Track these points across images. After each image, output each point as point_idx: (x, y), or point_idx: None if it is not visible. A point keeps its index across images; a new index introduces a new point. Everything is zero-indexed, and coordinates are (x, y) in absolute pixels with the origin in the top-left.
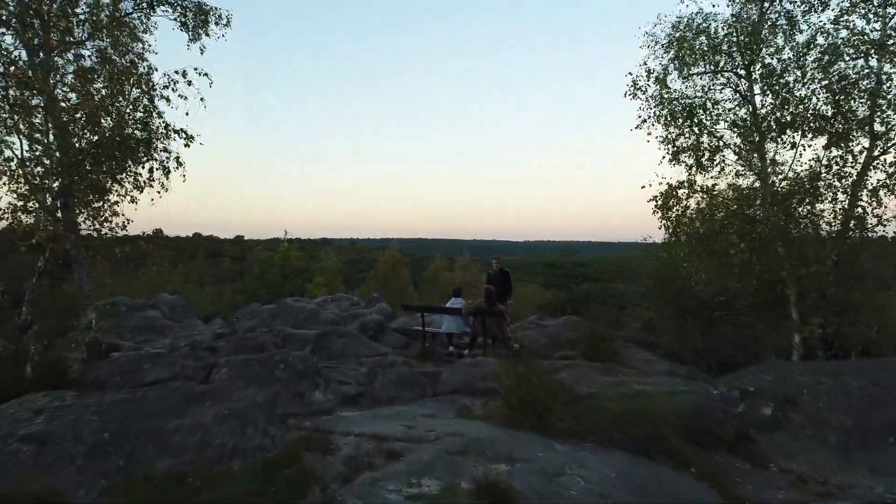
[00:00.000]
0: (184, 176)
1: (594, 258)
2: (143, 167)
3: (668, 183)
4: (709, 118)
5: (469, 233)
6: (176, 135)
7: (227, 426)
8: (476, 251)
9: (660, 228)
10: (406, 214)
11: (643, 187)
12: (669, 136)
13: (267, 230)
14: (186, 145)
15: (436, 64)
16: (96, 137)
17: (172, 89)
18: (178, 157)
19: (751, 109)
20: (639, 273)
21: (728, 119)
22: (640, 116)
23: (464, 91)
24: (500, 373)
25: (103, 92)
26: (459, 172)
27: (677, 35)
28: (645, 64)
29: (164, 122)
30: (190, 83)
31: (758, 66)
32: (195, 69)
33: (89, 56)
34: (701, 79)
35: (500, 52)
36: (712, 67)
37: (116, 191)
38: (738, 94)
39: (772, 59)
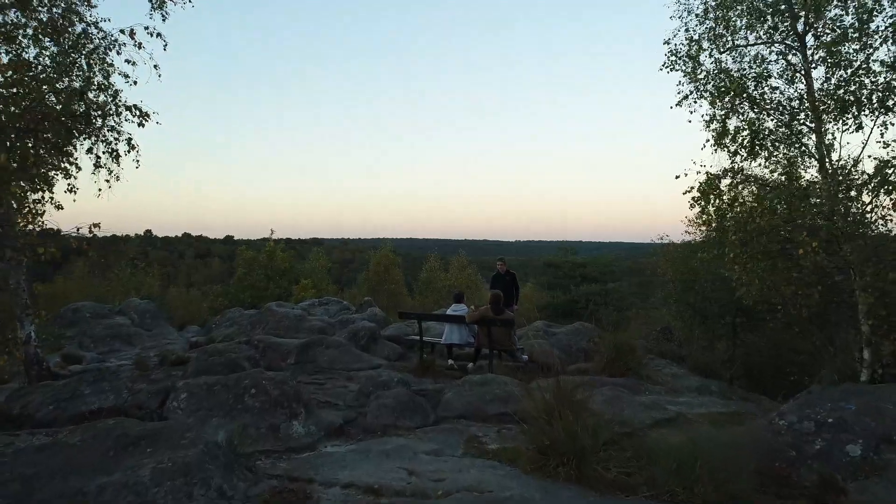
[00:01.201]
0: (137, 161)
1: (592, 259)
2: (87, 150)
3: (707, 172)
4: (762, 95)
5: (462, 232)
6: (127, 112)
7: (169, 487)
8: (469, 251)
9: (700, 225)
10: (398, 213)
11: (678, 177)
12: (717, 115)
13: (257, 230)
14: (140, 125)
15: (429, 59)
16: (14, 109)
17: (117, 52)
18: (129, 139)
19: (805, 85)
20: (640, 272)
21: (776, 97)
22: (679, 92)
23: (457, 87)
24: (522, 399)
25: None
26: (452, 170)
27: (715, 2)
28: (688, 31)
29: (111, 94)
30: (140, 46)
31: (816, 32)
32: (145, 28)
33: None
34: (744, 52)
35: (500, 52)
36: (761, 37)
37: (42, 177)
38: (789, 69)
39: (833, 25)
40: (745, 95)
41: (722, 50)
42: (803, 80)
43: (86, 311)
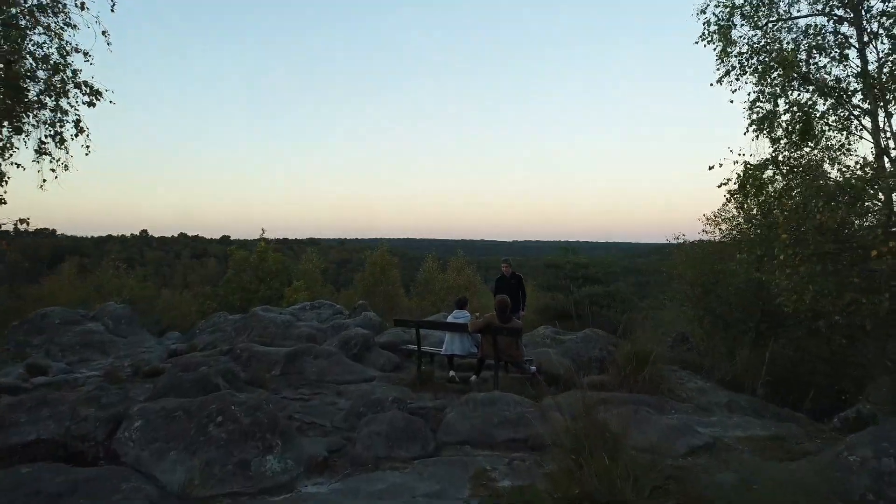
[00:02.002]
0: (87, 147)
1: (594, 259)
2: (14, 130)
3: (746, 162)
4: (816, 71)
5: (459, 232)
6: (77, 89)
7: None
8: (466, 251)
9: (719, 224)
10: (396, 213)
11: (711, 168)
12: (763, 92)
13: (254, 230)
14: (91, 104)
15: (425, 58)
16: None
17: (53, 11)
18: (77, 121)
19: (861, 63)
20: (638, 272)
21: (827, 75)
22: (718, 69)
23: (454, 86)
24: (536, 422)
25: None
26: (450, 169)
27: None
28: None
29: (52, 66)
30: (83, 5)
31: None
32: None
33: None
34: (792, 24)
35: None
36: (812, 8)
37: None
38: (843, 43)
39: None
40: (795, 73)
41: (765, 21)
42: (857, 57)
43: (55, 318)
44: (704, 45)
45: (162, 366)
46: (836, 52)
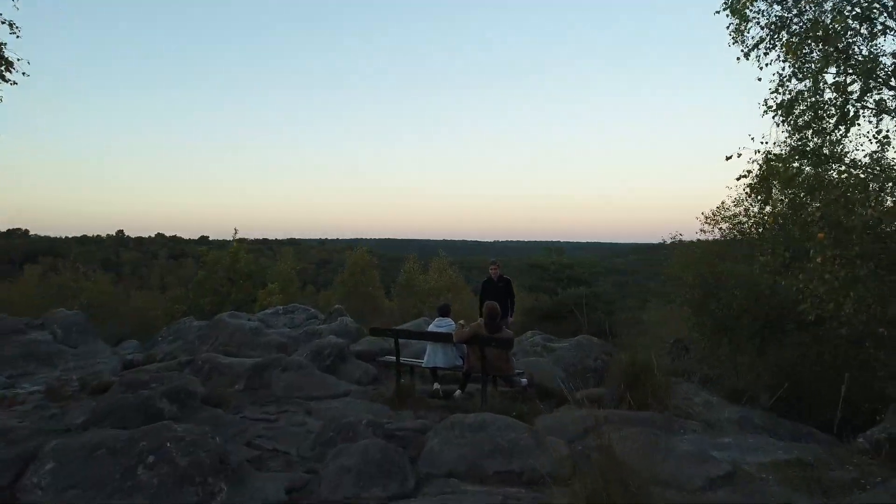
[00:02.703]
0: None
1: (579, 260)
2: None
3: (767, 152)
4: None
5: (441, 232)
6: None
7: None
8: (447, 251)
9: (719, 222)
10: (377, 213)
11: (728, 158)
12: (798, 69)
13: (231, 231)
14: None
15: (406, 50)
16: None
17: None
18: None
19: None
20: (617, 272)
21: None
22: (744, 43)
23: (434, 81)
24: (533, 451)
25: None
26: (430, 169)
27: None
28: None
29: None
30: None
31: None
32: None
33: None
34: None
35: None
36: None
37: None
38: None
39: None
40: (835, 49)
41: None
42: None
43: None
44: (727, 14)
45: (114, 379)
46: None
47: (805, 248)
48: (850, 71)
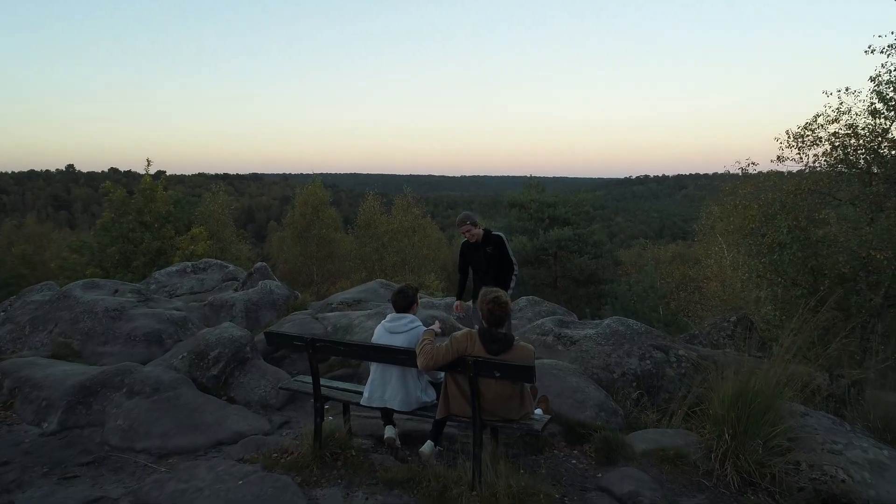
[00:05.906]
0: None
1: (563, 198)
2: None
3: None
4: None
5: (405, 167)
6: None
7: None
8: (414, 186)
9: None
10: (341, 146)
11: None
12: None
13: (190, 164)
14: None
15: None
16: None
17: None
18: None
19: None
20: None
21: None
22: None
23: (410, 12)
24: None
25: None
26: (400, 99)
27: None
28: None
29: None
30: None
31: None
32: None
33: None
34: None
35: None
36: None
37: None
38: None
39: None
40: None
41: None
42: None
43: None
44: None
45: None
46: None
47: None
48: None
